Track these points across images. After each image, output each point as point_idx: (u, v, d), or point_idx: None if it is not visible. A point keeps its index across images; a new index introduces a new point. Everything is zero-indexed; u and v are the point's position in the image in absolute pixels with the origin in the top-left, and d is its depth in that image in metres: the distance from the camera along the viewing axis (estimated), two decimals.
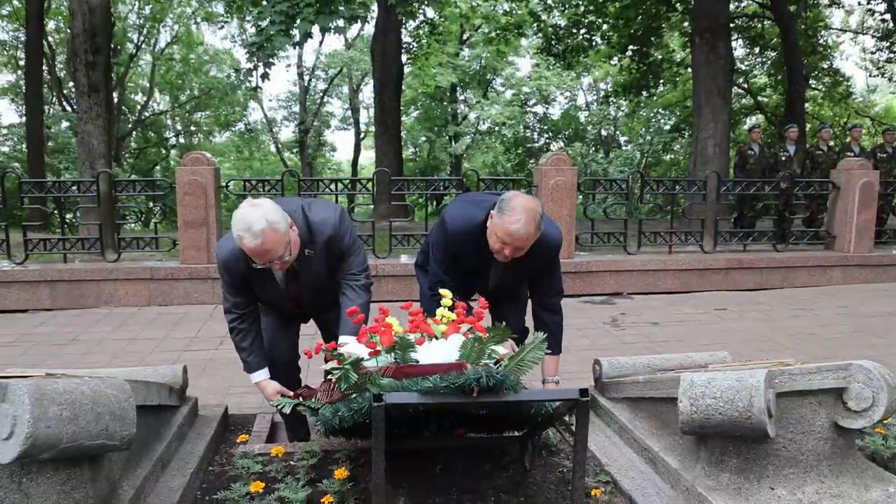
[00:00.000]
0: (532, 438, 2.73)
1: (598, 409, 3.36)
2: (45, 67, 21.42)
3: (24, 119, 17.73)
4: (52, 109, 23.13)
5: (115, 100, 25.30)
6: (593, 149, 30.85)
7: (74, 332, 5.34)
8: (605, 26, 17.56)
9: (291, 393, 2.91)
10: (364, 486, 2.66)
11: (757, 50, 22.06)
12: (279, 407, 2.66)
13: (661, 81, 22.20)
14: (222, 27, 23.02)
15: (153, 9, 22.86)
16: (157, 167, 27.50)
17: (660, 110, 28.52)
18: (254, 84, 8.36)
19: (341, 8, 7.77)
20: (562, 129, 30.38)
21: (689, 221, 8.25)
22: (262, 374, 3.05)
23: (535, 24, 18.54)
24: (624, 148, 31.39)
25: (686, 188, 7.35)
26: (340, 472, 2.61)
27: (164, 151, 29.12)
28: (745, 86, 23.38)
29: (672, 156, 29.17)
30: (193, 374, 4.37)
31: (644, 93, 20.25)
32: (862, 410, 2.40)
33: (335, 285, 3.04)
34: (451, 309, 2.61)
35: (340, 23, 8.30)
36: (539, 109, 30.59)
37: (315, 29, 8.17)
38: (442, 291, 2.66)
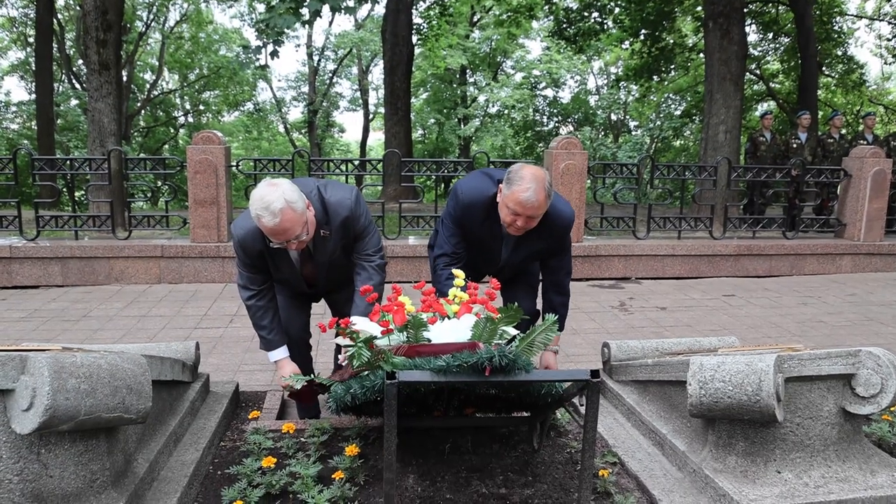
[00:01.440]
0: (540, 419, 2.76)
1: (607, 391, 3.38)
2: (54, 45, 21.48)
3: (33, 97, 17.76)
4: (61, 87, 23.14)
5: (125, 78, 25.31)
6: (602, 133, 30.68)
7: (86, 308, 5.39)
8: (617, 9, 17.41)
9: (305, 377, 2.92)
10: (374, 464, 2.70)
11: (770, 36, 21.80)
12: (294, 383, 2.68)
13: (673, 66, 22.04)
14: (231, 6, 22.92)
15: None
16: (166, 146, 27.53)
17: (670, 95, 28.32)
18: (262, 62, 8.33)
19: None
20: (571, 112, 30.19)
21: (698, 207, 8.23)
22: (282, 353, 3.08)
23: (546, 7, 18.40)
24: (634, 133, 31.20)
25: (696, 174, 7.32)
26: (351, 449, 2.64)
27: (172, 130, 29.14)
28: (758, 72, 23.18)
29: (682, 141, 29.00)
30: (204, 351, 4.43)
31: (655, 77, 20.11)
32: (870, 396, 2.41)
33: (349, 265, 3.08)
34: (464, 289, 2.63)
35: (350, 3, 8.26)
36: (549, 93, 30.40)
37: (326, 9, 8.14)
38: (455, 272, 2.67)
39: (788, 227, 7.41)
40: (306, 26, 11.70)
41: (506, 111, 29.42)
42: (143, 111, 27.55)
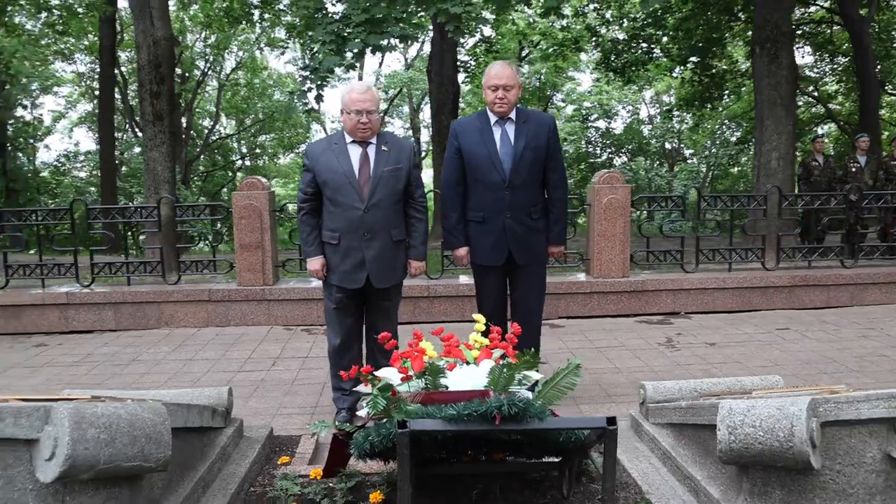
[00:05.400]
0: (569, 465, 2.69)
1: (643, 434, 3.28)
2: (118, 96, 22.61)
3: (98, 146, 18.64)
4: (125, 136, 24.28)
5: (184, 124, 26.40)
6: (657, 163, 30.27)
7: (136, 352, 5.55)
8: (664, 38, 17.28)
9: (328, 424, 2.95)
10: None
11: (826, 56, 21.24)
12: (317, 430, 2.69)
13: (726, 92, 21.66)
14: (283, 52, 23.70)
15: (218, 37, 23.76)
16: (224, 189, 28.43)
17: (725, 122, 27.81)
18: (309, 106, 8.58)
19: (391, 28, 7.91)
20: (624, 143, 29.93)
21: (750, 238, 7.98)
22: (317, 261, 3.75)
23: (593, 40, 18.42)
24: (689, 161, 30.69)
25: (745, 204, 7.12)
26: (375, 496, 2.62)
27: (230, 174, 30.11)
28: (816, 94, 22.57)
29: (739, 168, 28.33)
30: (244, 394, 4.50)
31: (707, 105, 19.79)
32: None
33: (393, 209, 3.68)
34: (486, 334, 2.61)
35: (394, 41, 8.43)
36: (601, 124, 30.26)
37: (369, 48, 8.33)
38: (475, 316, 2.66)
39: (848, 254, 7.09)
40: (351, 70, 11.99)
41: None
42: (201, 156, 28.59)
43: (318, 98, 8.47)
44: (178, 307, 6.27)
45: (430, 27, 13.77)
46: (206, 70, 26.49)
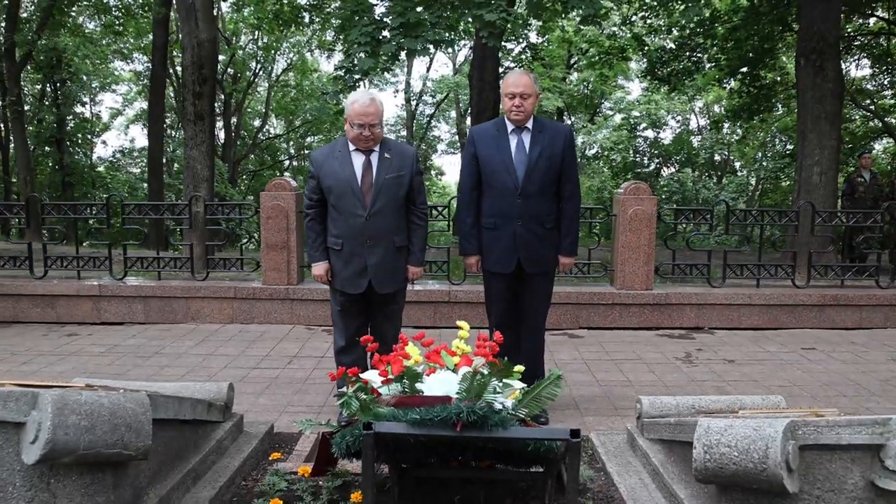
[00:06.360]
0: (550, 475, 2.68)
1: (637, 449, 3.25)
2: (172, 94, 23.29)
3: None
4: (178, 134, 24.98)
5: (234, 124, 27.03)
6: (706, 175, 29.68)
7: (160, 345, 5.72)
8: (713, 48, 16.96)
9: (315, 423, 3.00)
10: None
11: (884, 69, 20.52)
12: (302, 428, 2.75)
13: (777, 104, 21.13)
14: (329, 56, 24.07)
15: (269, 39, 24.29)
16: None
17: (778, 134, 27.11)
18: (340, 106, 8.66)
19: (426, 32, 7.96)
20: (673, 153, 29.45)
21: (784, 254, 7.79)
22: (321, 266, 3.83)
23: (640, 48, 18.19)
24: (739, 173, 30.01)
25: (776, 219, 6.95)
26: (356, 496, 2.66)
27: (277, 173, 30.70)
28: (872, 107, 21.84)
29: (789, 182, 27.55)
30: (256, 391, 4.59)
31: (756, 117, 19.35)
32: None
33: (395, 215, 3.72)
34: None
35: (428, 45, 8.46)
36: (650, 134, 29.86)
37: (403, 52, 8.39)
38: (459, 323, 2.68)
39: (893, 274, 6.83)
40: (387, 72, 12.09)
41: (604, 153, 29.07)
42: (250, 155, 29.22)
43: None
44: (204, 303, 6.43)
45: (472, 31, 13.80)
46: (256, 71, 27.08)
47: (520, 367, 2.64)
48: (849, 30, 17.02)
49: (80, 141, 26.22)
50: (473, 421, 1.91)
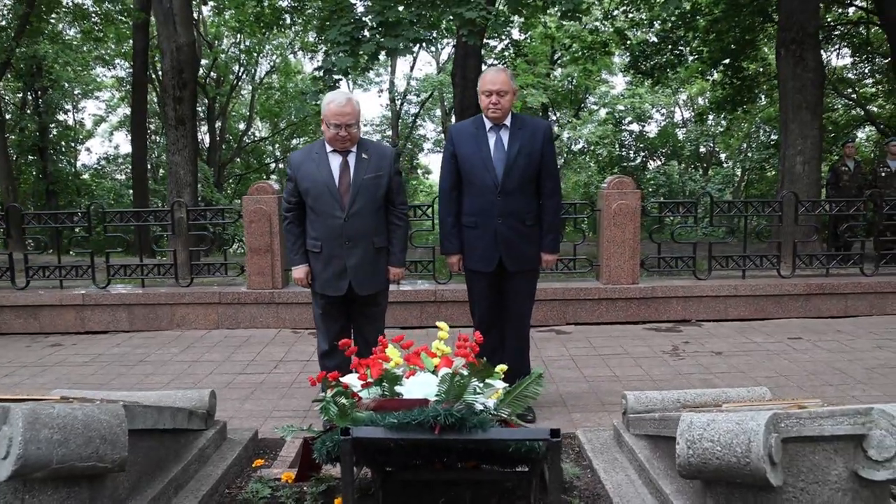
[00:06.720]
0: (535, 474, 2.66)
1: (623, 445, 3.23)
2: (156, 100, 23.12)
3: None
4: (162, 140, 24.81)
5: (219, 128, 26.88)
6: (692, 167, 29.78)
7: (145, 353, 5.66)
8: (695, 41, 17.01)
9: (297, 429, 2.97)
10: None
11: (865, 58, 20.65)
12: (286, 434, 2.72)
13: (760, 95, 21.22)
14: (312, 57, 23.97)
15: (251, 41, 24.16)
16: None
17: (762, 125, 27.24)
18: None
19: (405, 31, 7.93)
20: (658, 146, 29.52)
21: (770, 245, 7.81)
22: (301, 269, 3.82)
23: (622, 43, 18.22)
24: (724, 165, 30.13)
25: (760, 210, 6.97)
26: (340, 501, 2.63)
27: (264, 176, 30.53)
28: (854, 96, 21.98)
29: (775, 172, 27.68)
30: (241, 396, 4.56)
31: (739, 108, 19.44)
32: (884, 461, 2.18)
33: (373, 216, 3.70)
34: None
35: (409, 44, 8.42)
36: (635, 127, 29.90)
37: (383, 51, 8.35)
38: (439, 324, 2.66)
39: (877, 262, 6.85)
40: (367, 72, 12.02)
41: (590, 148, 29.10)
42: (235, 159, 29.06)
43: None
44: (189, 309, 6.38)
45: (453, 28, 13.77)
46: (240, 74, 26.93)
47: (502, 367, 2.63)
48: (828, 19, 17.11)
49: (63, 149, 26.00)
50: (451, 423, 1.89)
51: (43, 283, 6.72)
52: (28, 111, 22.71)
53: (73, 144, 27.33)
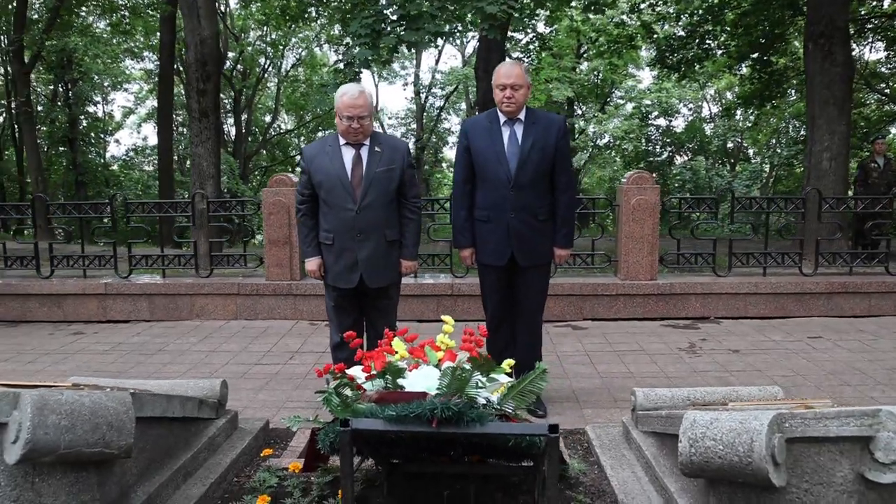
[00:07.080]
0: (539, 469, 2.66)
1: (631, 441, 3.22)
2: (183, 92, 23.39)
3: None
4: (187, 131, 25.09)
5: (245, 120, 27.12)
6: (719, 162, 29.38)
7: (164, 342, 5.75)
8: (723, 35, 16.77)
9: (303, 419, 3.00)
10: None
11: None
12: (290, 425, 2.74)
13: (789, 89, 20.86)
14: (337, 50, 24.03)
15: (277, 34, 24.31)
16: None
17: (791, 120, 26.78)
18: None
19: (427, 25, 7.92)
20: (685, 141, 29.16)
21: (792, 243, 7.69)
22: (314, 262, 3.84)
23: (649, 36, 18.01)
24: (752, 160, 29.68)
25: (783, 206, 6.86)
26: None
27: (289, 169, 30.77)
28: (887, 91, 21.51)
29: (803, 168, 27.20)
30: (256, 387, 4.61)
31: (768, 103, 19.14)
32: (891, 463, 2.14)
33: (386, 210, 3.70)
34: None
35: (430, 39, 8.43)
36: (661, 122, 29.56)
37: (403, 44, 8.36)
38: (444, 318, 2.66)
39: None
40: (389, 64, 12.02)
41: (616, 142, 28.85)
42: (261, 151, 29.32)
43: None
44: (208, 300, 6.46)
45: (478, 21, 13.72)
46: (265, 66, 27.14)
47: (509, 361, 2.62)
48: (862, 12, 16.74)
49: (92, 140, 26.46)
50: (448, 416, 1.90)
51: (67, 272, 6.85)
52: (59, 103, 23.13)
53: (102, 136, 27.80)
